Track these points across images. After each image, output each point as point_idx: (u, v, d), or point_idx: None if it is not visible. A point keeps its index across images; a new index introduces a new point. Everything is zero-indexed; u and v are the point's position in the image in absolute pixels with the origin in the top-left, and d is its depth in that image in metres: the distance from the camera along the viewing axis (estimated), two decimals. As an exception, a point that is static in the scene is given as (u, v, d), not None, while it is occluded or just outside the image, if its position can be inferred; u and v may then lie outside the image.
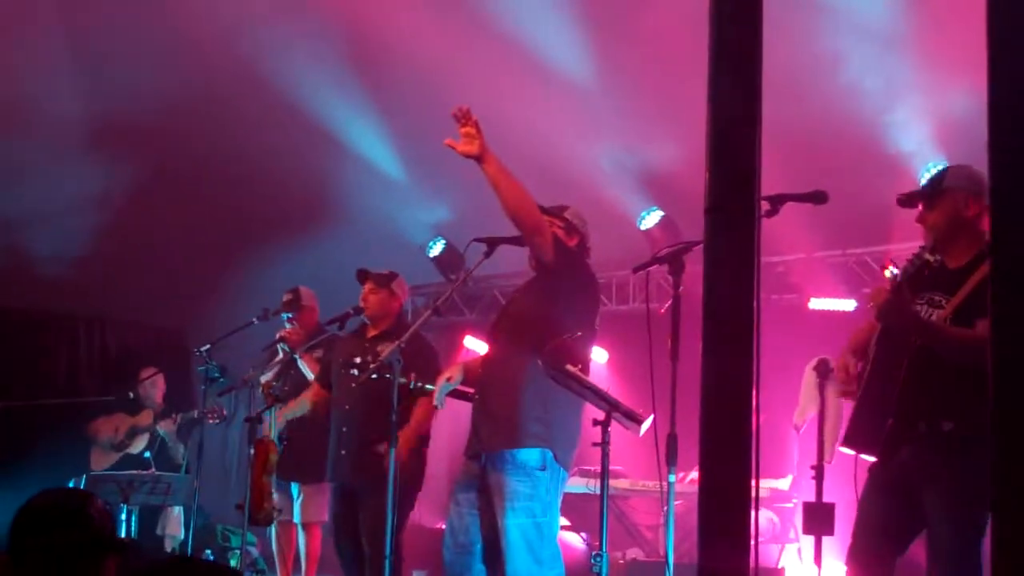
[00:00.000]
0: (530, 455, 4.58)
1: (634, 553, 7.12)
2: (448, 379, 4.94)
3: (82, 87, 7.68)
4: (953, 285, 3.90)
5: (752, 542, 2.30)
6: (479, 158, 4.50)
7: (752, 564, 2.31)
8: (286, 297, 6.99)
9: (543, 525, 4.62)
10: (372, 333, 6.05)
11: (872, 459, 4.06)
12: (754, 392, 2.34)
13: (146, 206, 8.58)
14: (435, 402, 4.98)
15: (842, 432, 4.07)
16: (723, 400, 2.34)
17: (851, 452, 4.04)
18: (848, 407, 4.09)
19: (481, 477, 4.74)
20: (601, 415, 4.16)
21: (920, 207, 4.06)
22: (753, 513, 2.31)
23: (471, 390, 4.94)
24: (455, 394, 5.02)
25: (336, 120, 8.09)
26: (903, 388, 3.84)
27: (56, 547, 2.44)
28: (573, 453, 4.74)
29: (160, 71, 7.57)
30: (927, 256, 3.79)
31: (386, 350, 5.18)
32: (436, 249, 9.46)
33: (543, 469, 4.59)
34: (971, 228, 4.01)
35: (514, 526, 4.57)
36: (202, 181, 8.57)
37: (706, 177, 2.33)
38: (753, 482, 2.32)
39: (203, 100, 7.90)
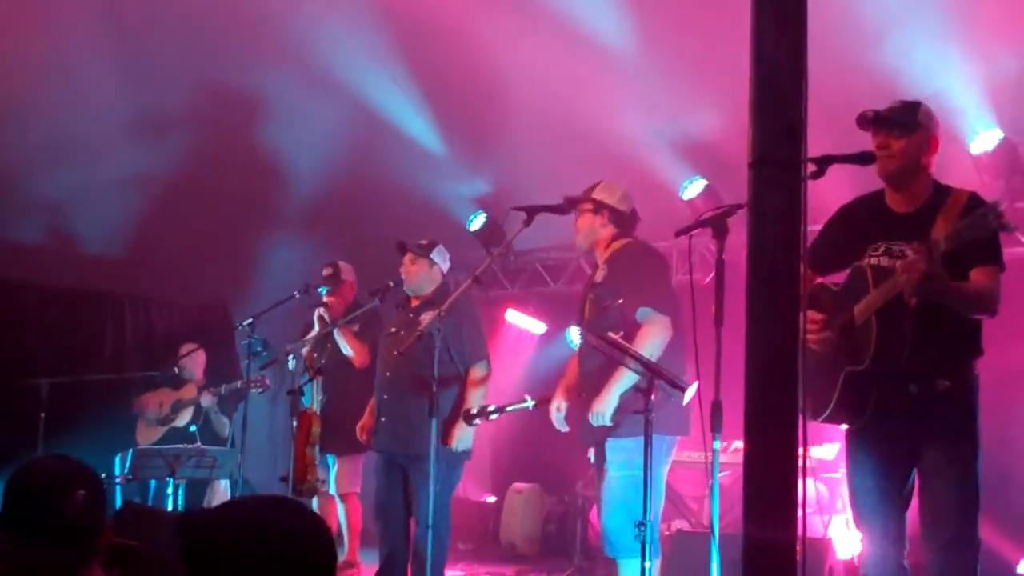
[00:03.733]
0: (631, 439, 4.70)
1: (680, 524, 7.08)
2: (558, 409, 5.16)
3: (126, 70, 7.71)
4: (910, 232, 3.78)
5: (799, 512, 2.25)
6: None
7: (799, 534, 2.26)
8: (326, 271, 7.06)
9: (639, 479, 4.59)
10: (415, 303, 6.04)
11: (845, 426, 4.06)
12: (800, 356, 2.27)
13: (189, 185, 8.62)
14: (557, 427, 5.19)
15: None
16: (768, 365, 2.26)
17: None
18: None
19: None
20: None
21: (883, 132, 3.92)
22: (801, 482, 2.25)
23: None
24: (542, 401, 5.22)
25: (376, 95, 8.06)
26: (893, 352, 3.75)
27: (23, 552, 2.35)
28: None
29: (198, 54, 7.59)
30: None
31: (427, 318, 5.18)
32: (477, 223, 9.42)
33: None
34: (924, 172, 3.96)
35: (614, 479, 4.80)
36: (244, 159, 8.60)
37: (749, 129, 2.26)
38: (800, 450, 2.26)
39: (241, 80, 7.92)
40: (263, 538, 1.77)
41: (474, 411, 5.36)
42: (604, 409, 4.78)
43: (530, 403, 5.23)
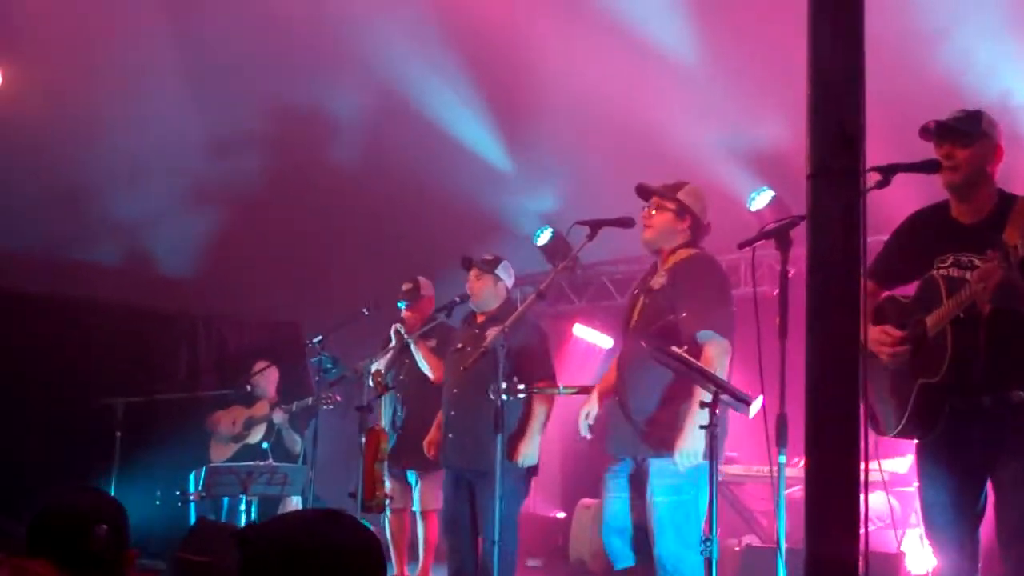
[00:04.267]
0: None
1: (749, 539, 7.00)
2: (587, 416, 4.98)
3: (200, 91, 7.86)
4: (977, 243, 3.71)
5: (862, 528, 2.20)
6: None
7: (862, 550, 2.21)
8: (406, 286, 7.09)
9: (689, 504, 4.57)
10: (480, 319, 6.05)
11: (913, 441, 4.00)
12: (862, 366, 2.23)
13: (261, 204, 8.76)
14: (582, 433, 5.01)
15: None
16: (829, 375, 2.22)
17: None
18: None
19: (630, 463, 4.81)
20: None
21: (947, 143, 3.85)
22: (863, 497, 2.21)
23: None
24: (582, 390, 5.10)
25: (443, 111, 8.12)
26: (967, 364, 3.67)
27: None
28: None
29: (272, 74, 7.71)
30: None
31: (492, 334, 5.19)
32: (544, 238, 9.42)
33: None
34: (989, 181, 3.89)
35: (662, 504, 4.60)
36: (314, 179, 8.71)
37: (807, 138, 2.23)
38: (863, 464, 2.21)
39: (314, 100, 8.03)
40: (315, 550, 1.81)
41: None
42: (691, 447, 4.47)
43: (562, 390, 5.15)
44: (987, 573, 3.88)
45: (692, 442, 4.45)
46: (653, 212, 4.93)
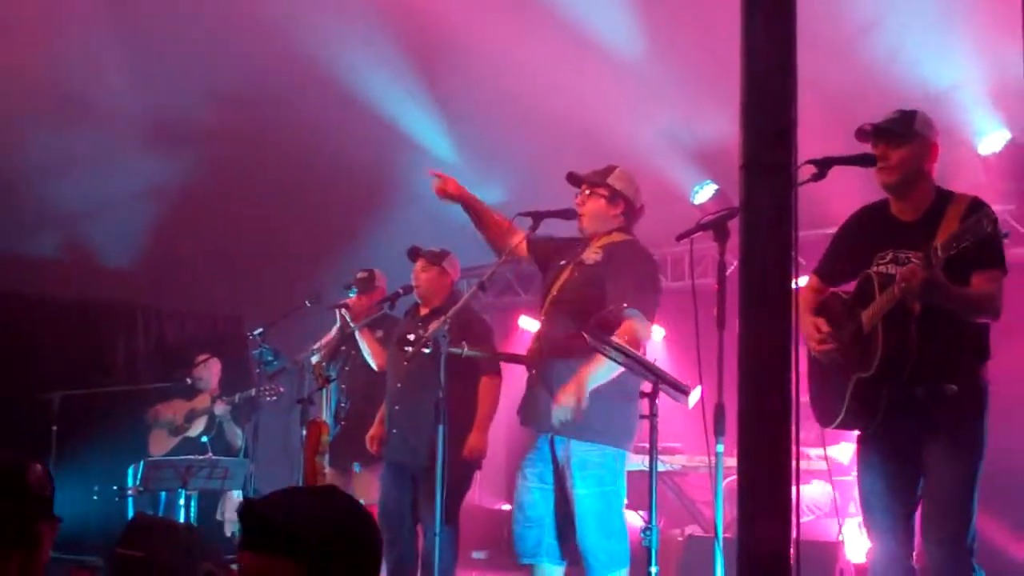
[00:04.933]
0: (602, 446, 4.61)
1: (692, 530, 7.04)
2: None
3: (136, 81, 7.75)
4: (915, 239, 3.80)
5: (794, 516, 2.21)
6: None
7: (793, 538, 2.22)
8: (361, 274, 7.00)
9: (611, 495, 4.61)
10: (424, 311, 6.02)
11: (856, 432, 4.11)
12: (794, 357, 2.25)
13: (202, 196, 8.65)
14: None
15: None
16: (761, 367, 2.24)
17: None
18: None
19: (548, 448, 4.75)
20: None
21: (881, 144, 3.95)
22: (794, 487, 2.22)
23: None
24: (510, 359, 5.02)
25: (388, 104, 8.08)
26: (900, 359, 3.76)
27: None
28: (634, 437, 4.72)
29: (213, 63, 7.61)
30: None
31: (435, 326, 5.15)
32: (490, 230, 9.39)
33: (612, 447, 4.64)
34: (927, 178, 3.99)
35: (585, 496, 4.59)
36: (256, 170, 8.63)
37: (740, 131, 2.24)
38: (794, 452, 2.23)
39: (255, 90, 7.94)
40: (317, 520, 1.91)
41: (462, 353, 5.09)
42: (572, 402, 4.40)
43: (464, 351, 5.06)
44: (920, 560, 3.95)
45: (573, 397, 4.41)
46: (584, 200, 4.93)
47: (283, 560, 1.85)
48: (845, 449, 6.70)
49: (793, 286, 2.25)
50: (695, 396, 4.11)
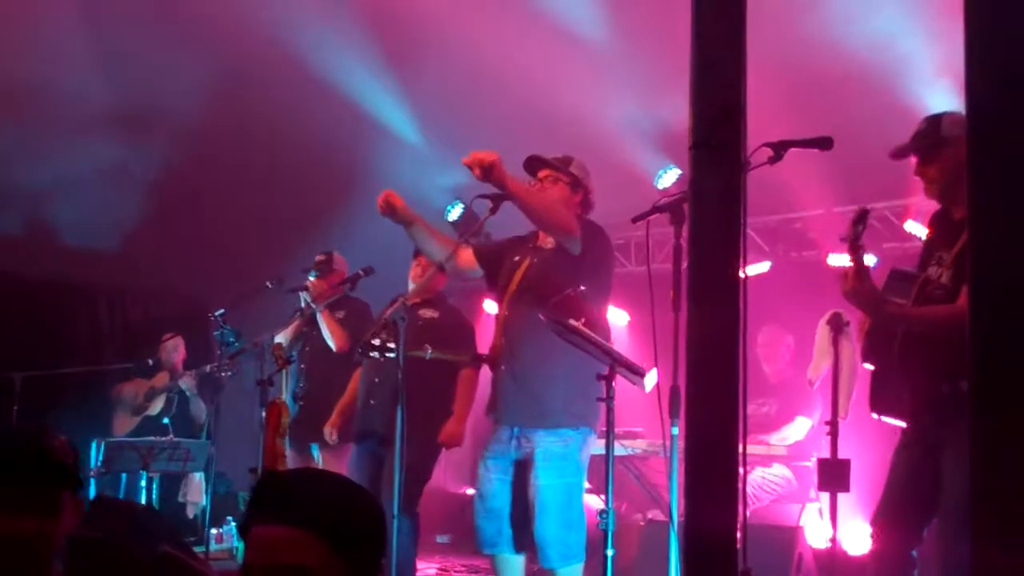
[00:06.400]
0: (566, 430, 4.65)
1: (653, 514, 7.07)
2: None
3: (103, 63, 7.67)
4: (953, 238, 3.77)
5: (740, 500, 2.23)
6: (497, 180, 4.46)
7: (740, 522, 2.24)
8: (319, 257, 7.06)
9: (572, 486, 4.65)
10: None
11: (902, 424, 4.00)
12: (741, 342, 2.26)
13: (166, 176, 8.59)
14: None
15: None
16: (708, 351, 2.26)
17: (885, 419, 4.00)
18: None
19: (513, 441, 4.77)
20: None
21: (916, 159, 3.91)
22: (741, 470, 2.24)
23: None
24: (475, 360, 5.13)
25: (353, 86, 8.03)
26: (927, 350, 3.72)
27: (8, 482, 2.39)
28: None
29: (180, 47, 7.54)
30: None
31: (426, 313, 5.54)
32: (455, 213, 9.40)
33: (576, 430, 4.66)
34: None
35: (546, 487, 4.60)
36: (222, 152, 8.56)
37: (689, 114, 2.25)
38: (740, 437, 2.24)
39: (222, 71, 7.87)
40: (330, 495, 1.91)
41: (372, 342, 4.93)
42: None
43: (429, 354, 5.17)
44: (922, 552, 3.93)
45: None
46: (549, 185, 4.93)
47: (304, 532, 1.83)
48: (801, 424, 6.75)
49: (742, 267, 2.26)
50: (651, 379, 4.13)
